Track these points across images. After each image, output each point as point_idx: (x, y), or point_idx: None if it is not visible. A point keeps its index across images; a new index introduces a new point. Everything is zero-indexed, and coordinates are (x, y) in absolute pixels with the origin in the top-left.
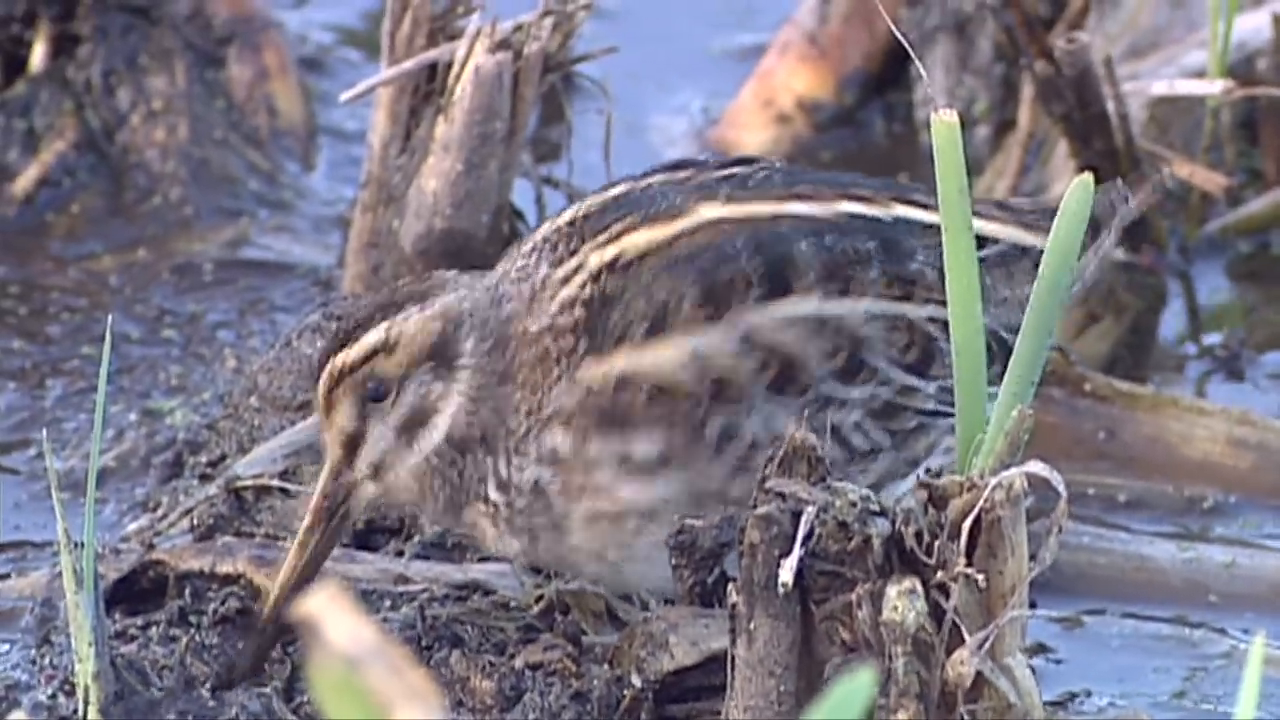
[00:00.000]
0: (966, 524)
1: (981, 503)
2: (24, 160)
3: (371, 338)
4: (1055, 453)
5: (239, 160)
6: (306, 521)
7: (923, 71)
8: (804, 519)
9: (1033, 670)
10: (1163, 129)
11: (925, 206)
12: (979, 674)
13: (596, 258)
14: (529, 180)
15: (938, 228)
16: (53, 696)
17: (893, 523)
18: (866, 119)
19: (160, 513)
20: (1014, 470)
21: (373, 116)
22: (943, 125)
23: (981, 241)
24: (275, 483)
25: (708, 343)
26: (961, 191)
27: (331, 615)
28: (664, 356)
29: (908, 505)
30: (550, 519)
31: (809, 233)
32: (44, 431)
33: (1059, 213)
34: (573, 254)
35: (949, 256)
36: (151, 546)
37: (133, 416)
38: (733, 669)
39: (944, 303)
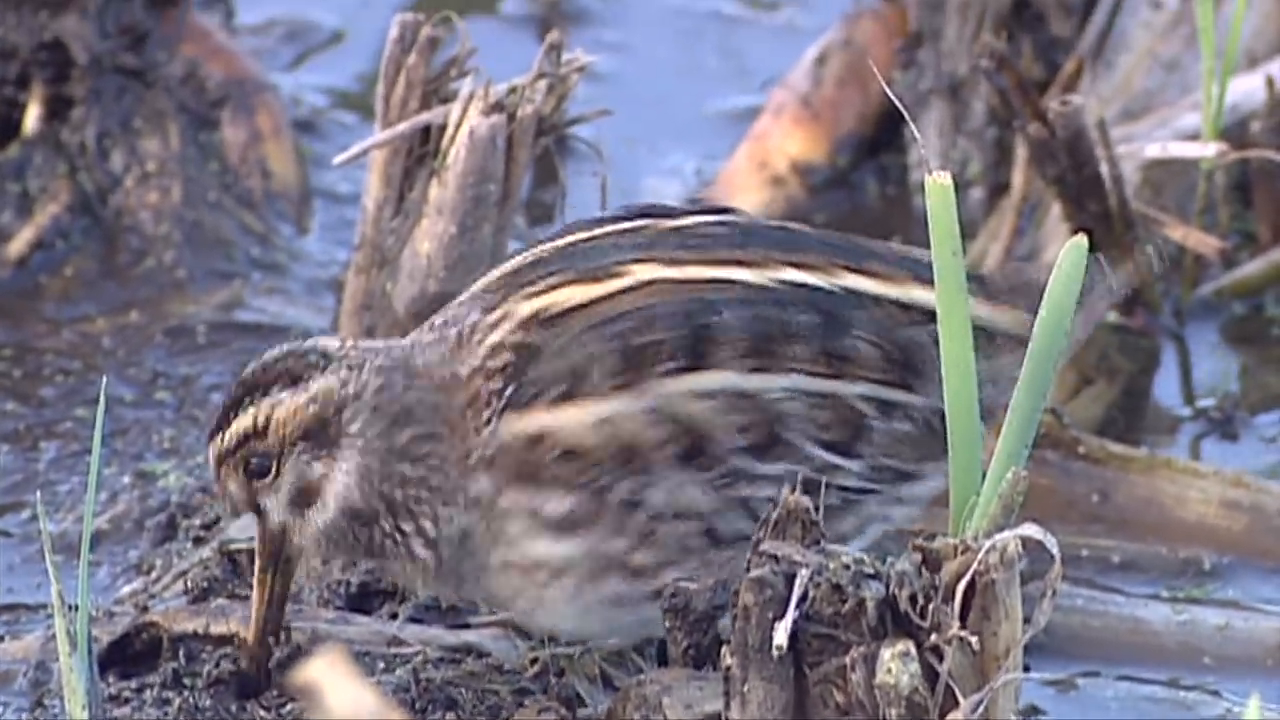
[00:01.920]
0: (960, 587)
1: (975, 565)
2: (18, 223)
3: (243, 422)
4: (1049, 515)
5: (232, 223)
6: (258, 564)
7: (917, 134)
8: (798, 582)
9: None
10: (1157, 191)
11: (879, 276)
12: None
13: (526, 306)
14: (523, 243)
15: (886, 300)
16: None
17: (886, 585)
18: (860, 181)
19: (154, 575)
20: (1008, 533)
21: (366, 179)
22: (937, 188)
23: (934, 316)
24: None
25: (619, 409)
26: (955, 254)
27: (332, 680)
28: (575, 418)
29: (902, 568)
30: (474, 564)
31: (740, 303)
32: (38, 494)
33: (1053, 275)
34: (504, 301)
35: (943, 319)
36: (145, 609)
37: (126, 479)
38: None
39: (880, 381)
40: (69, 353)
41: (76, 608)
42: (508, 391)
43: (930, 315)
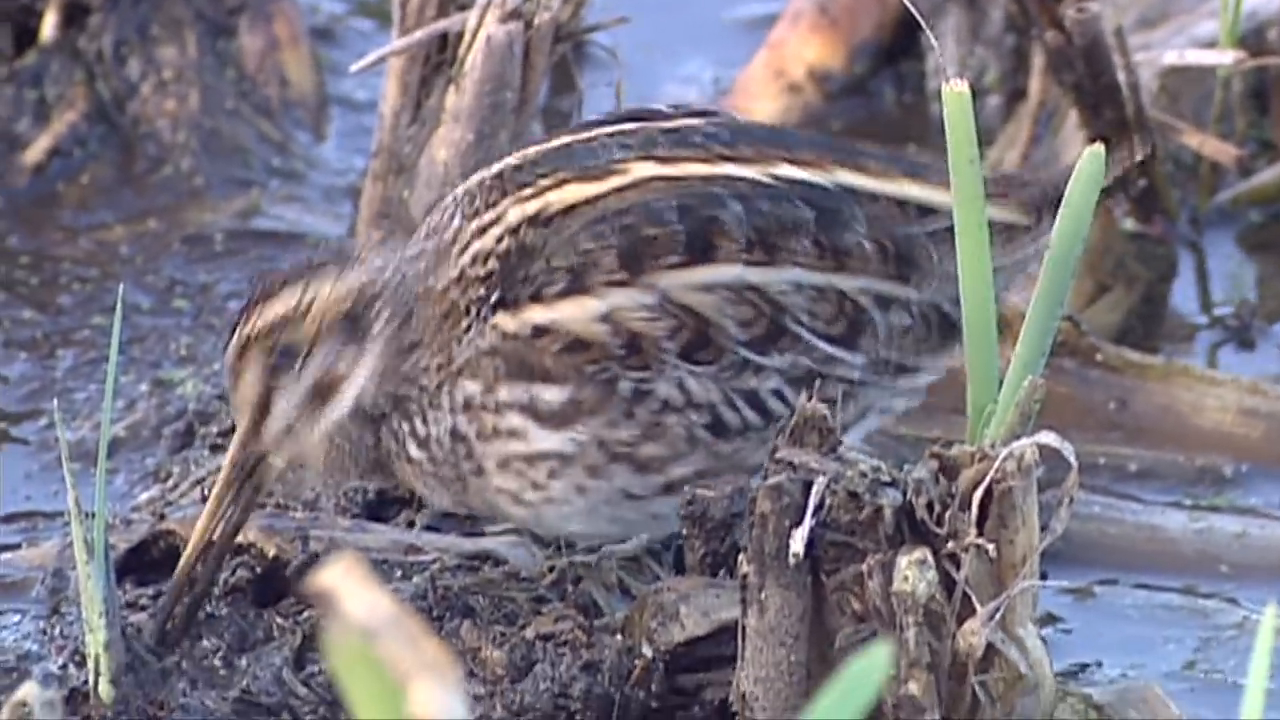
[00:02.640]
0: (977, 494)
1: (992, 473)
2: (35, 131)
3: (281, 305)
4: (1066, 423)
5: (250, 130)
6: (217, 489)
7: (934, 41)
8: (815, 489)
9: (1044, 641)
10: (1173, 99)
11: (873, 173)
12: (990, 644)
13: (517, 211)
14: None
15: (883, 197)
16: (63, 667)
17: (903, 493)
18: (877, 89)
19: (171, 483)
20: (1025, 441)
21: (384, 86)
22: (954, 95)
23: (929, 212)
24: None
25: (623, 301)
26: (973, 162)
27: (348, 587)
28: (580, 311)
29: (919, 476)
30: (472, 464)
31: (741, 197)
32: (55, 402)
33: (1071, 182)
34: (491, 206)
35: (960, 226)
36: (162, 516)
37: (144, 387)
38: (743, 639)
39: (880, 275)
40: (86, 260)
41: (93, 515)
42: (493, 297)
43: (925, 211)
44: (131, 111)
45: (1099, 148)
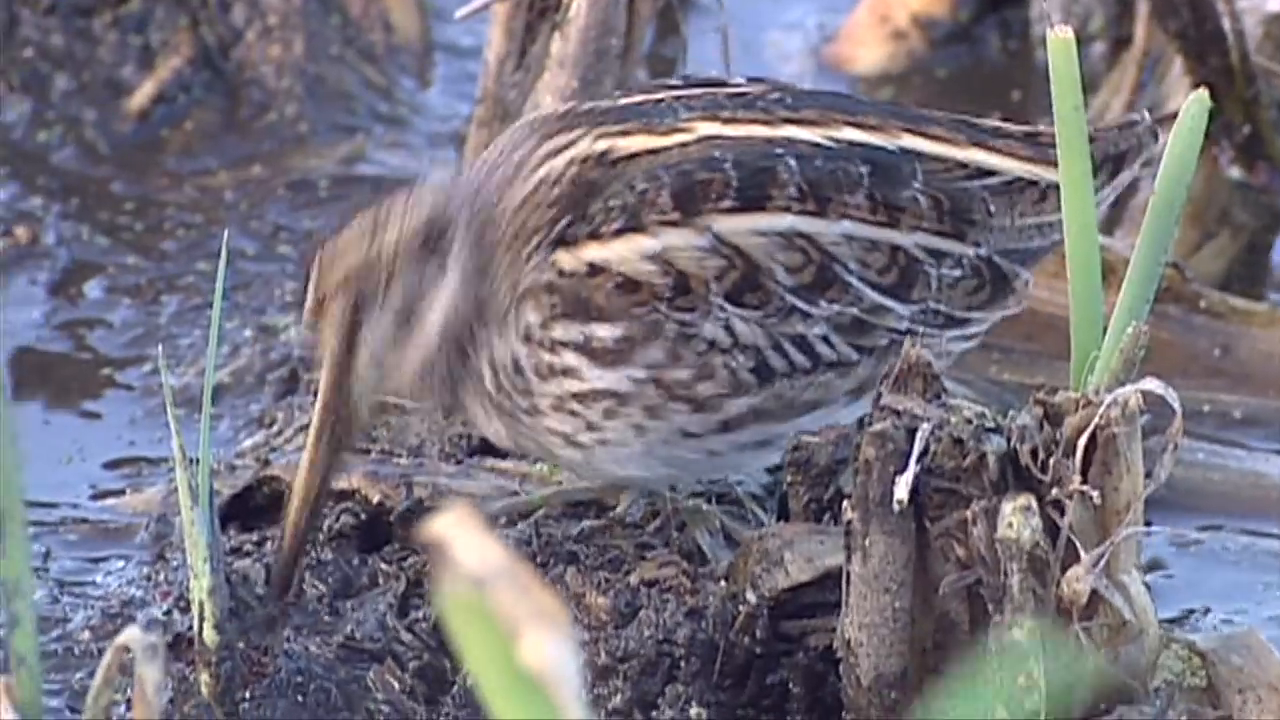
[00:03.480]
0: (1082, 441)
1: (1097, 420)
2: (139, 76)
3: (358, 237)
4: (1170, 370)
5: (354, 76)
6: (311, 436)
7: None
8: (919, 436)
9: (1147, 587)
10: (1278, 46)
11: (937, 138)
12: (1094, 591)
13: (586, 144)
14: None
15: (945, 159)
16: (168, 613)
17: (1008, 440)
18: (982, 36)
19: (275, 429)
20: (1129, 387)
21: (488, 32)
22: (1058, 42)
23: (990, 170)
24: (390, 398)
25: (675, 241)
26: (1077, 109)
27: (460, 536)
28: (632, 250)
29: (1023, 422)
30: (529, 402)
31: (799, 154)
32: (159, 348)
33: (1174, 130)
34: (562, 133)
35: (1064, 173)
36: (266, 462)
37: (248, 333)
38: (848, 585)
39: (937, 231)
40: (190, 207)
41: (198, 461)
42: (558, 226)
43: (985, 174)
44: (236, 57)
45: (1204, 94)
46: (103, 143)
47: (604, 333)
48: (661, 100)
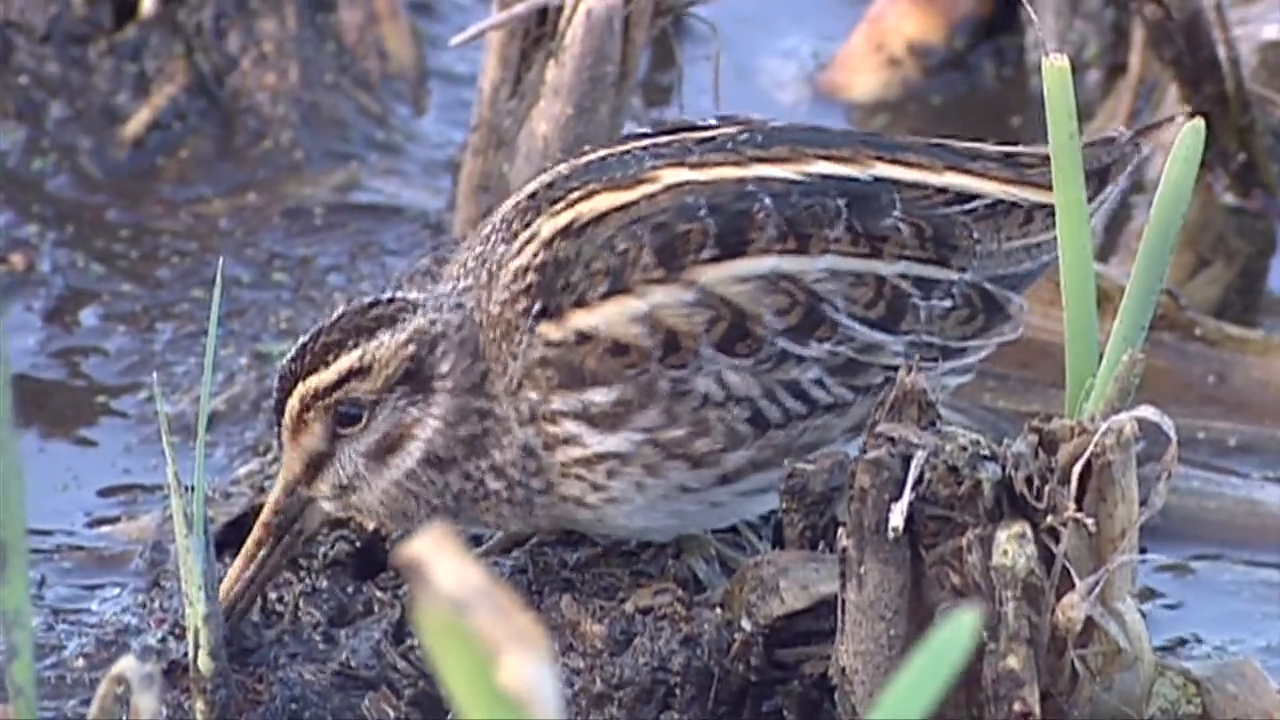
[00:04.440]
0: (1077, 468)
1: (1092, 447)
2: (135, 104)
3: (346, 361)
4: (1165, 397)
5: (349, 104)
6: (255, 535)
7: (1034, 16)
8: (914, 463)
9: (1142, 615)
10: (1273, 73)
11: (911, 165)
12: (1089, 619)
13: (549, 225)
14: (639, 124)
15: (921, 186)
16: (163, 640)
17: (1003, 467)
18: (977, 63)
19: (270, 456)
20: (1124, 415)
21: (483, 60)
22: (1054, 70)
23: (970, 195)
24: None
25: (661, 300)
26: (1072, 137)
27: (438, 558)
28: (619, 313)
29: (1018, 450)
30: (541, 480)
31: (773, 192)
32: (154, 375)
33: (1170, 157)
34: (526, 226)
35: (1060, 200)
36: (262, 490)
37: (243, 360)
38: (843, 613)
39: (919, 259)
40: (186, 234)
41: (193, 488)
42: (535, 308)
43: (964, 198)
44: (231, 85)
45: (1199, 122)
46: (98, 170)
47: (600, 398)
48: (628, 152)
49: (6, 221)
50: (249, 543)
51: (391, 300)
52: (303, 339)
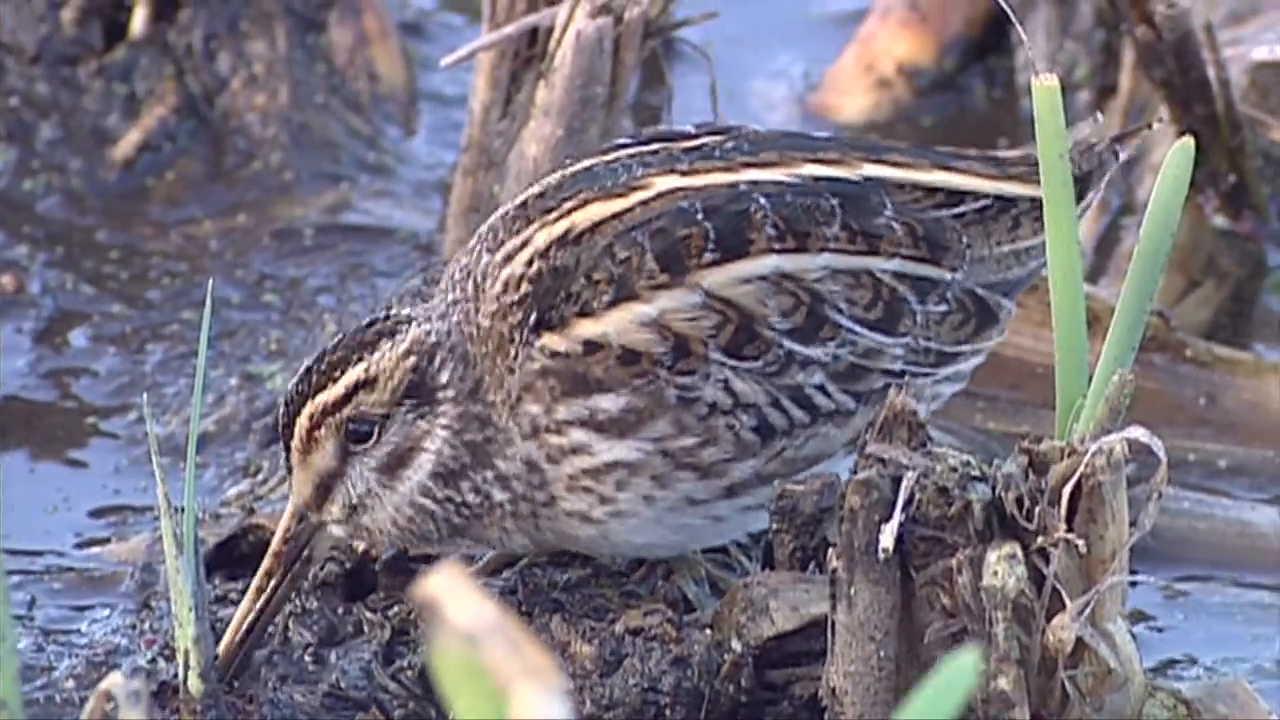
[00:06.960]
0: (1067, 489)
1: (1082, 468)
2: (124, 125)
3: (352, 375)
4: (1156, 418)
5: (340, 125)
6: (265, 565)
7: (1024, 37)
8: (904, 484)
9: (1133, 636)
10: (1263, 94)
11: (899, 165)
12: (1079, 639)
13: (544, 234)
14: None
15: (912, 185)
16: (153, 661)
17: (993, 488)
18: (967, 84)
19: (260, 477)
20: (1115, 436)
21: (473, 81)
22: (1044, 90)
23: (959, 198)
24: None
25: (667, 305)
26: (1062, 157)
27: (452, 594)
28: (629, 318)
29: (1008, 471)
30: (545, 494)
31: (767, 193)
32: (144, 396)
33: (1159, 177)
34: (515, 234)
35: (1049, 220)
36: (252, 511)
37: (233, 381)
38: (833, 634)
39: (914, 257)
40: (176, 255)
41: (183, 510)
42: (532, 319)
43: (954, 198)
44: (221, 106)
45: (1188, 142)
46: (88, 191)
47: (608, 404)
48: (614, 160)
49: None
50: (259, 574)
51: (388, 317)
52: (307, 362)
